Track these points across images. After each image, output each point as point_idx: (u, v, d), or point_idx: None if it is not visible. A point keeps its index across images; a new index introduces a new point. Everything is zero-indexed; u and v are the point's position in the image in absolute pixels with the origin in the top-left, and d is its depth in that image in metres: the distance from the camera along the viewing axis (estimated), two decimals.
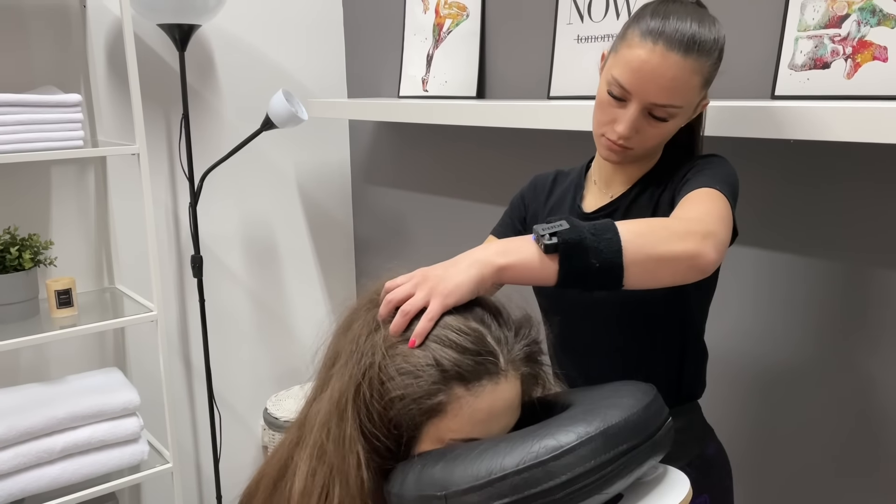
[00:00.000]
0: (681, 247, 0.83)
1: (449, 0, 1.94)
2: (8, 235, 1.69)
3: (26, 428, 1.62)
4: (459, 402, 0.73)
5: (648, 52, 0.96)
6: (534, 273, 0.80)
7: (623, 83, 0.99)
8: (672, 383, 1.10)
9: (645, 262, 0.82)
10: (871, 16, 1.16)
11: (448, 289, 0.77)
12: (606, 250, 0.80)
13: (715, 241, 0.86)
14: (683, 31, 0.96)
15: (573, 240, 0.80)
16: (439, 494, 0.67)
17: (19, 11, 1.82)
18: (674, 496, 0.70)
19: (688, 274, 0.85)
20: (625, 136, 1.01)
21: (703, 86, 1.01)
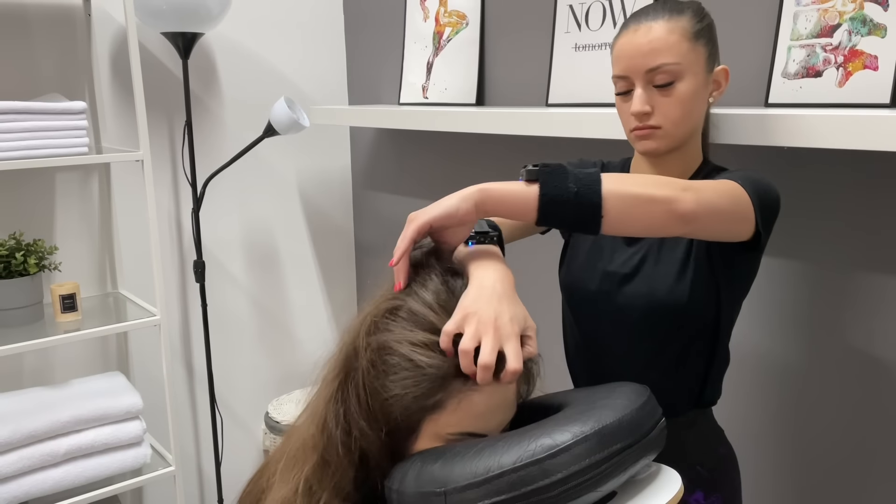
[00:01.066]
0: (659, 191, 0.86)
1: (449, 9, 1.97)
2: (13, 241, 1.72)
3: (30, 431, 1.64)
4: (458, 398, 0.75)
5: (624, 37, 1.05)
6: (514, 199, 0.82)
7: (618, 73, 1.06)
8: (694, 391, 1.11)
9: (622, 198, 0.84)
10: (861, 26, 1.18)
11: (426, 214, 0.81)
12: (586, 178, 0.83)
13: (696, 195, 0.88)
14: (648, 12, 1.04)
15: (553, 166, 0.84)
16: (438, 491, 0.68)
17: (25, 20, 1.85)
18: (665, 493, 0.72)
19: (666, 220, 0.86)
20: (641, 112, 1.03)
21: (690, 39, 1.02)
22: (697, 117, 1.06)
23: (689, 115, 1.04)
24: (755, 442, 1.44)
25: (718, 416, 1.19)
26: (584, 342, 1.18)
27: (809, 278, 1.33)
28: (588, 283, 1.13)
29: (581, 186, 0.82)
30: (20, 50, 1.85)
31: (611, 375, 1.10)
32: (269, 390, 2.40)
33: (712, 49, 1.06)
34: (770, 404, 1.42)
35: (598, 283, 1.12)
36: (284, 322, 2.41)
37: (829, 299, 1.31)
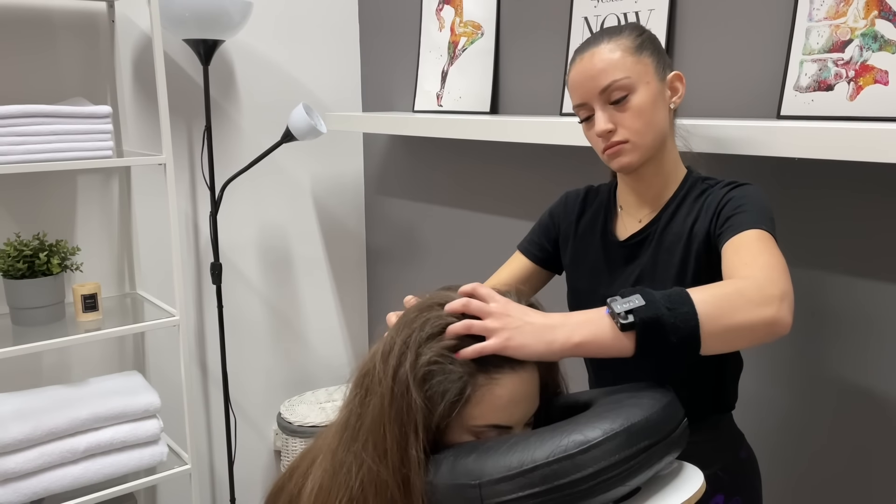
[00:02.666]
0: (759, 314, 0.83)
1: (464, 19, 2.01)
2: (37, 241, 1.75)
3: (51, 428, 1.67)
4: (482, 390, 0.79)
5: (573, 67, 1.11)
6: (609, 349, 0.81)
7: (576, 101, 1.10)
8: (708, 398, 1.13)
9: (722, 333, 0.82)
10: (872, 41, 1.22)
11: (513, 343, 0.79)
12: (683, 326, 0.80)
13: (790, 303, 0.86)
14: (589, 42, 1.10)
15: (650, 318, 0.80)
16: (473, 483, 0.72)
17: (51, 26, 1.89)
18: (687, 489, 0.75)
19: (766, 339, 0.85)
20: (606, 131, 1.07)
21: (633, 53, 1.06)
22: (661, 125, 1.09)
23: (650, 123, 1.07)
24: (776, 446, 1.47)
25: (739, 421, 1.22)
26: (597, 364, 1.21)
27: (822, 286, 1.36)
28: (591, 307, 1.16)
29: (680, 338, 0.80)
30: (46, 55, 1.89)
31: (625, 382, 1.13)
32: (282, 391, 2.44)
33: (659, 58, 1.10)
34: (790, 409, 1.45)
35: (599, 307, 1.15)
36: (297, 324, 2.44)
37: (838, 307, 1.34)
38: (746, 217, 1.00)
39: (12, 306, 1.73)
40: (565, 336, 0.80)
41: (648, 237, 1.12)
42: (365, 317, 2.61)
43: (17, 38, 1.85)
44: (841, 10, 1.25)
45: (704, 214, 1.07)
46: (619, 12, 1.60)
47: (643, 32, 1.10)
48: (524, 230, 1.94)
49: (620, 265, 1.15)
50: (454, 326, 0.81)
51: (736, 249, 0.96)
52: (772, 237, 0.97)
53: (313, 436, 2.18)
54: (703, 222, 1.07)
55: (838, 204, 1.32)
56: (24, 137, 1.60)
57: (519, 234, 1.97)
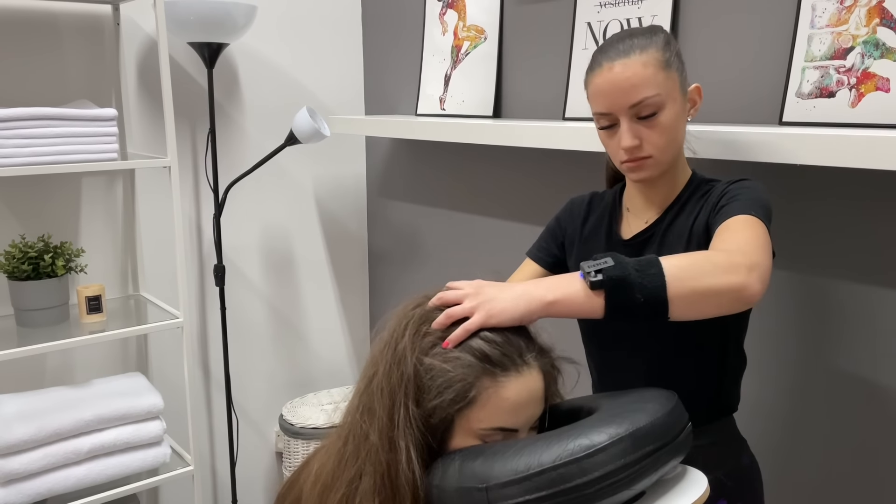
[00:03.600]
0: (725, 280, 0.86)
1: (468, 23, 2.02)
2: (42, 243, 1.76)
3: (55, 429, 1.68)
4: (487, 393, 0.80)
5: (599, 74, 1.08)
6: (580, 307, 0.86)
7: (600, 110, 1.09)
8: (710, 399, 1.14)
9: (689, 296, 0.85)
10: (874, 49, 1.23)
11: (494, 311, 0.84)
12: (650, 285, 0.85)
13: (759, 272, 0.89)
14: (617, 47, 1.07)
15: (618, 276, 0.85)
16: (480, 487, 0.73)
17: (56, 29, 1.90)
18: (692, 494, 0.76)
19: (733, 305, 0.88)
20: (631, 146, 1.07)
21: (663, 68, 1.06)
22: (681, 139, 1.11)
23: (674, 139, 1.09)
24: (778, 453, 1.48)
25: (742, 427, 1.22)
26: (599, 359, 1.22)
27: (821, 292, 1.37)
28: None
29: (647, 295, 0.85)
30: (51, 57, 1.90)
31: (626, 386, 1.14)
32: (284, 393, 2.44)
33: (683, 71, 1.11)
34: (792, 415, 1.46)
35: None
36: (299, 326, 2.45)
37: (840, 310, 1.35)
38: (738, 204, 1.03)
39: (17, 308, 1.73)
40: (540, 295, 0.85)
41: (653, 236, 1.14)
42: (367, 319, 2.61)
43: (23, 40, 1.86)
44: (843, 18, 1.26)
45: (704, 210, 1.10)
46: (623, 18, 1.61)
47: (671, 43, 1.09)
48: (526, 234, 1.96)
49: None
50: (437, 320, 0.84)
51: (721, 232, 0.99)
52: (760, 222, 0.99)
53: (315, 437, 2.19)
54: (703, 217, 1.09)
55: (840, 210, 1.33)
56: (30, 140, 1.60)
57: (521, 237, 1.97)
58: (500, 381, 0.80)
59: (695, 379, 1.13)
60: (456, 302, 0.86)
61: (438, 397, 0.81)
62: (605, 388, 1.22)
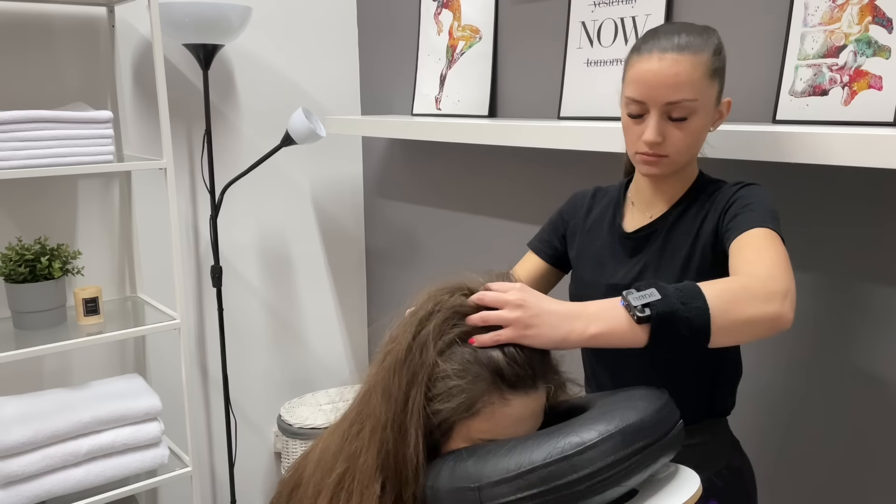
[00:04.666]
0: (764, 310, 0.87)
1: (462, 23, 2.02)
2: (39, 245, 1.76)
3: (53, 431, 1.68)
4: (493, 408, 0.80)
5: (647, 61, 1.05)
6: (623, 340, 0.85)
7: (635, 96, 1.06)
8: (704, 400, 1.15)
9: (730, 327, 0.86)
10: (866, 47, 1.23)
11: (531, 332, 0.82)
12: (696, 319, 0.85)
13: (791, 299, 0.90)
14: (673, 38, 1.05)
15: (666, 312, 0.84)
16: (472, 486, 0.73)
17: (51, 31, 1.90)
18: (685, 492, 0.76)
19: (768, 333, 0.89)
20: (654, 142, 1.06)
21: (710, 76, 1.05)
22: (700, 145, 1.11)
23: (695, 145, 1.09)
24: (773, 455, 1.48)
25: (735, 427, 1.23)
26: (595, 358, 1.23)
27: (817, 290, 1.37)
28: (594, 297, 1.18)
29: (691, 331, 0.85)
30: (46, 60, 1.90)
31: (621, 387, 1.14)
32: (282, 394, 2.45)
33: (722, 83, 1.10)
34: (787, 416, 1.46)
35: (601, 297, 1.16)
36: (296, 327, 2.45)
37: (836, 310, 1.35)
38: (753, 216, 1.02)
39: (14, 310, 1.74)
40: (582, 327, 0.84)
41: (656, 232, 1.14)
42: (364, 319, 2.62)
43: (18, 43, 1.86)
44: (835, 16, 1.27)
45: (713, 213, 1.09)
46: (617, 17, 1.61)
47: (721, 52, 1.08)
48: (523, 232, 1.96)
49: (625, 257, 1.17)
50: (471, 318, 0.83)
51: (742, 247, 0.99)
52: (777, 235, 0.99)
53: (314, 438, 2.19)
54: (712, 220, 1.09)
55: (833, 208, 1.33)
56: (26, 143, 1.61)
57: (517, 236, 1.98)
58: (507, 398, 0.81)
59: (691, 378, 1.13)
60: (495, 306, 0.84)
61: (444, 402, 0.81)
62: (599, 382, 1.23)
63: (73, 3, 1.89)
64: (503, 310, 0.83)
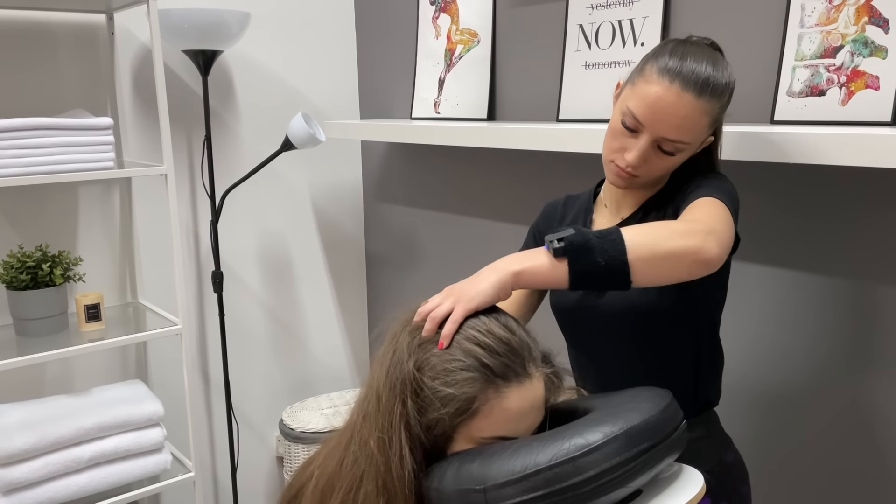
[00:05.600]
0: (683, 242, 0.89)
1: (461, 27, 2.03)
2: (40, 252, 1.76)
3: (56, 438, 1.68)
4: (490, 404, 0.80)
5: (665, 89, 1.02)
6: (546, 275, 0.89)
7: (637, 116, 1.05)
8: (688, 391, 1.15)
9: (650, 259, 0.89)
10: (863, 47, 1.24)
11: (470, 295, 0.86)
12: (611, 249, 0.88)
13: (717, 238, 0.91)
14: (699, 73, 1.02)
15: (579, 242, 0.88)
16: (478, 488, 0.73)
17: (51, 39, 1.90)
18: (688, 492, 0.77)
19: (693, 268, 0.91)
20: (633, 165, 1.07)
21: (710, 125, 1.07)
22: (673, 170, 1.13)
23: (670, 171, 1.12)
24: (767, 452, 1.49)
25: (727, 424, 1.23)
26: (576, 356, 1.24)
27: (816, 288, 1.38)
28: (570, 298, 1.19)
29: (608, 259, 0.88)
30: (46, 67, 1.90)
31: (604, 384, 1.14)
32: (284, 398, 2.45)
33: (716, 127, 1.11)
34: (780, 412, 1.46)
35: (578, 297, 1.18)
36: (297, 331, 2.46)
37: (832, 308, 1.36)
38: (702, 191, 1.05)
39: (16, 317, 1.74)
40: (505, 267, 0.88)
41: None
42: (365, 323, 2.62)
43: (18, 51, 1.87)
44: (832, 17, 1.28)
45: (675, 204, 1.12)
46: (614, 20, 1.62)
47: (731, 96, 1.08)
48: (521, 235, 1.96)
49: None
50: (425, 328, 0.86)
51: (685, 211, 1.02)
52: (723, 204, 1.01)
53: (316, 442, 2.20)
54: (672, 209, 1.12)
55: (831, 208, 1.34)
56: (26, 150, 1.61)
57: (516, 239, 1.98)
58: (503, 391, 0.81)
59: (671, 369, 1.14)
60: (435, 307, 0.87)
61: (441, 409, 0.81)
62: (586, 381, 1.24)
63: (72, 10, 1.90)
64: (441, 305, 0.87)
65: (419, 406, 0.82)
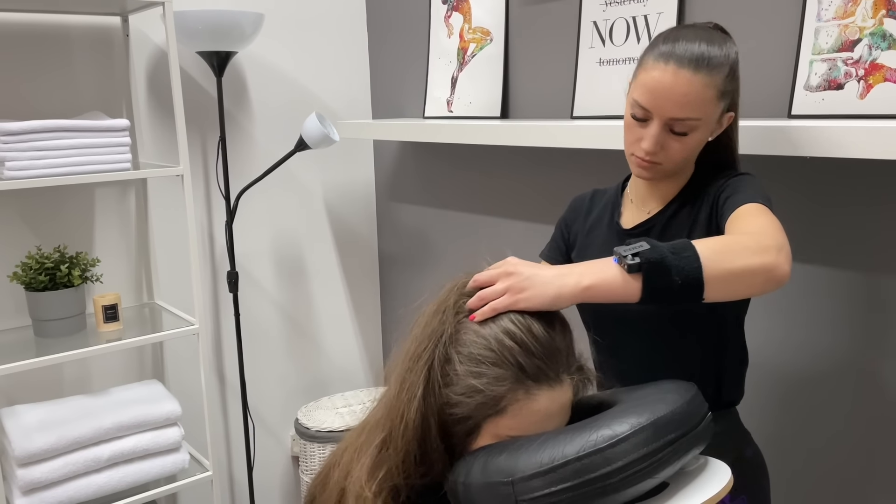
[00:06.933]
0: (757, 260, 0.88)
1: (473, 25, 2.03)
2: (58, 253, 1.78)
3: (75, 438, 1.69)
4: (519, 404, 0.80)
5: (661, 71, 1.04)
6: (618, 291, 0.86)
7: (642, 103, 1.07)
8: (711, 391, 1.15)
9: (724, 277, 0.87)
10: (881, 40, 1.23)
11: (526, 294, 0.84)
12: (687, 267, 0.86)
13: (786, 253, 0.91)
14: (692, 51, 1.04)
15: (655, 259, 0.86)
16: (506, 481, 0.74)
17: (67, 42, 1.92)
18: (715, 484, 0.77)
19: (765, 286, 0.89)
20: (651, 152, 1.08)
21: (718, 98, 1.06)
22: (697, 153, 1.13)
23: (691, 155, 1.11)
24: (786, 448, 1.48)
25: (746, 418, 1.23)
26: (597, 349, 1.23)
27: (836, 283, 1.37)
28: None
29: (684, 277, 0.86)
30: (63, 70, 1.92)
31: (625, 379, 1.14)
32: (299, 397, 2.46)
33: (731, 101, 1.11)
34: (799, 407, 1.46)
35: None
36: (312, 330, 2.47)
37: (856, 305, 1.35)
38: (744, 195, 1.05)
39: (35, 318, 1.75)
40: (574, 281, 0.85)
41: (654, 227, 1.16)
42: (378, 322, 2.63)
43: (34, 54, 1.88)
44: (849, 10, 1.27)
45: (707, 203, 1.11)
46: (629, 16, 1.62)
47: (736, 74, 1.08)
48: (537, 233, 1.96)
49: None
50: (471, 301, 0.85)
51: (734, 220, 1.01)
52: (769, 209, 1.01)
53: (331, 441, 2.20)
54: (706, 210, 1.11)
55: (852, 202, 1.33)
56: (44, 152, 1.62)
57: (531, 237, 1.98)
58: (533, 393, 0.81)
59: (697, 367, 1.14)
60: (490, 283, 0.86)
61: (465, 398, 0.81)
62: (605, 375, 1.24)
63: (87, 13, 1.91)
64: (497, 283, 0.85)
65: (444, 375, 0.83)
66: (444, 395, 0.82)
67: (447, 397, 0.82)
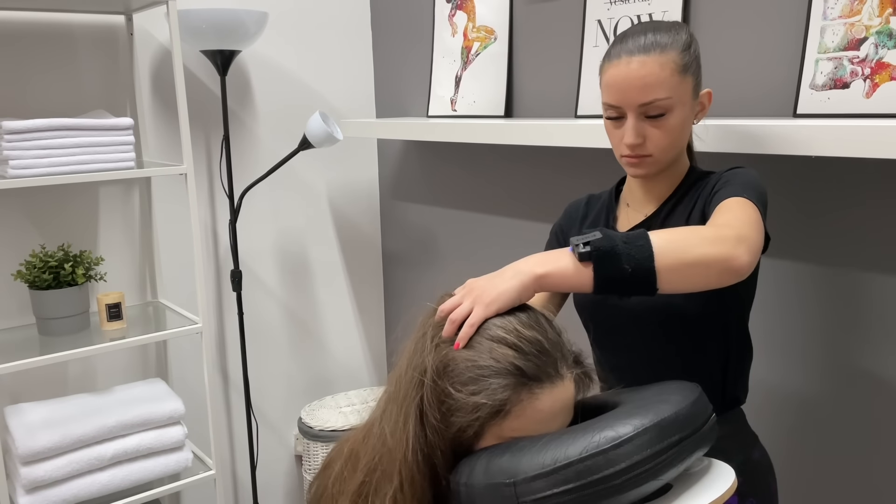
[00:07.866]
0: (713, 250, 0.88)
1: (477, 24, 2.03)
2: (62, 252, 1.78)
3: (79, 436, 1.70)
4: (522, 405, 0.80)
5: (616, 67, 1.07)
6: (570, 279, 0.88)
7: (610, 101, 1.09)
8: (716, 389, 1.14)
9: (677, 267, 0.87)
10: (888, 39, 1.23)
11: (490, 297, 0.85)
12: (638, 256, 0.86)
13: (748, 245, 0.90)
14: (639, 41, 1.06)
15: (606, 247, 0.87)
16: (508, 482, 0.73)
17: (71, 40, 1.92)
18: (719, 486, 0.76)
19: (722, 277, 0.89)
20: (634, 144, 1.08)
21: (680, 72, 1.06)
22: (685, 140, 1.12)
23: (678, 141, 1.10)
24: (793, 449, 1.48)
25: (753, 420, 1.22)
26: (600, 352, 1.23)
27: (839, 283, 1.37)
28: (593, 300, 1.18)
29: (634, 265, 0.86)
30: (67, 69, 1.92)
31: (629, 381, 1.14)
32: (302, 396, 2.46)
33: (699, 76, 1.11)
34: (807, 409, 1.45)
35: (601, 299, 1.17)
36: (315, 330, 2.46)
37: (854, 304, 1.35)
38: (731, 188, 1.05)
39: (38, 317, 1.76)
40: (529, 270, 0.87)
41: (650, 228, 1.15)
42: (382, 321, 2.63)
43: (39, 52, 1.89)
44: (855, 9, 1.26)
45: (701, 200, 1.11)
46: (633, 14, 1.61)
47: (692, 46, 1.09)
48: (540, 232, 1.96)
49: None
50: (444, 329, 0.85)
51: (714, 214, 1.01)
52: (752, 203, 1.00)
53: (334, 440, 2.20)
54: (700, 207, 1.11)
55: (855, 201, 1.33)
56: (48, 150, 1.63)
57: (535, 236, 1.98)
58: (535, 393, 0.80)
59: (698, 367, 1.13)
60: (455, 307, 0.87)
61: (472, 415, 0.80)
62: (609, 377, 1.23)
63: (92, 11, 1.91)
64: (462, 305, 0.86)
65: (443, 410, 0.82)
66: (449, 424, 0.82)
67: (452, 425, 0.82)
